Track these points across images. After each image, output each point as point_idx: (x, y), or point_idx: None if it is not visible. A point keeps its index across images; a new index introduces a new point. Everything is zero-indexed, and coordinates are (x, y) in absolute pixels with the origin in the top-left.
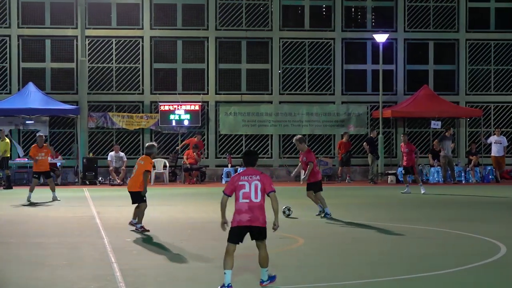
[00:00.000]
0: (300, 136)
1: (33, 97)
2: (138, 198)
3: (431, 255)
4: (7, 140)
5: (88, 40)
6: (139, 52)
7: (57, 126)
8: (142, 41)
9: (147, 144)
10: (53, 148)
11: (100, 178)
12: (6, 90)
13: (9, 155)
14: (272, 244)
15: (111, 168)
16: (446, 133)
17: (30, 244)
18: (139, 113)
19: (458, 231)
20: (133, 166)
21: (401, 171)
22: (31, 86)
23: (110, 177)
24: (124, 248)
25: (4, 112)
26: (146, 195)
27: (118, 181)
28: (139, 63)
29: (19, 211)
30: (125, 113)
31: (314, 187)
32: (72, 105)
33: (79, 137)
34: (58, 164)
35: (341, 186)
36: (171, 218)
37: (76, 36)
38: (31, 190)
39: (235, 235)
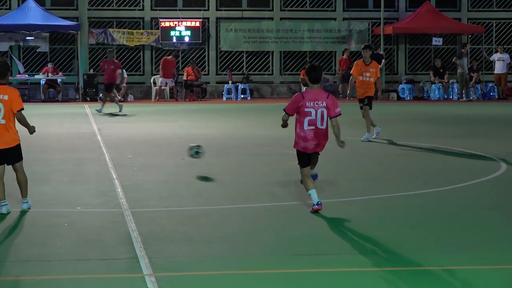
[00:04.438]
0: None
1: (33, 13)
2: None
3: (430, 172)
4: None
5: None
6: None
7: (58, 42)
8: None
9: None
10: (54, 64)
11: (100, 95)
12: (6, 5)
13: None
14: (274, 160)
15: None
16: (463, 50)
17: (33, 160)
18: (140, 29)
19: (458, 148)
20: (134, 83)
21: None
22: (30, 2)
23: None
24: (126, 164)
25: (4, 28)
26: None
27: (119, 97)
28: None
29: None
30: (125, 29)
31: None
32: (72, 21)
33: (80, 53)
34: (59, 80)
35: (342, 103)
36: (173, 134)
37: None
38: None
39: (306, 160)
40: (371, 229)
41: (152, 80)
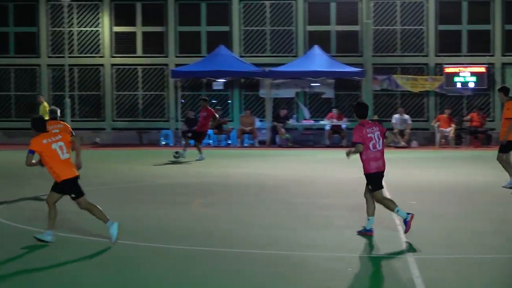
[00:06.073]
0: None
1: (318, 60)
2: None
3: None
4: (45, 104)
5: (373, 2)
6: (423, 14)
7: (342, 89)
8: (427, 2)
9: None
10: (338, 110)
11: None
12: (293, 53)
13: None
14: None
15: (395, 130)
16: None
17: (317, 204)
18: (424, 75)
19: None
20: (418, 129)
21: None
22: (316, 49)
23: (395, 139)
24: (408, 210)
25: (290, 74)
26: None
27: (403, 143)
28: (423, 25)
29: (303, 172)
30: (409, 75)
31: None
32: (357, 67)
33: (364, 99)
34: (343, 126)
35: None
36: (455, 181)
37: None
38: None
39: (380, 181)
40: None
41: (435, 126)
